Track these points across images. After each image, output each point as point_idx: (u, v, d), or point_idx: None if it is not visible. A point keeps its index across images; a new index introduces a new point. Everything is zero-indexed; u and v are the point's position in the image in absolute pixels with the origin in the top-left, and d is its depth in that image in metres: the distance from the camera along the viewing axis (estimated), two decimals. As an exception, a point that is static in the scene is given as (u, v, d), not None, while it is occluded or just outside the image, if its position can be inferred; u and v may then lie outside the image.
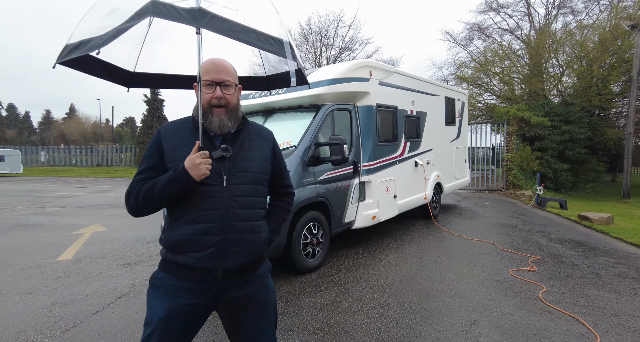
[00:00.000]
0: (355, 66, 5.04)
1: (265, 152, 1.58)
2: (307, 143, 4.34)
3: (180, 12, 1.36)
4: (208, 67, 1.46)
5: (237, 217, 1.45)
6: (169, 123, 1.55)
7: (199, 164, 1.35)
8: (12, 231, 6.91)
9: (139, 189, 1.43)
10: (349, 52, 24.17)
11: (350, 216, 5.00)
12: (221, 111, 1.45)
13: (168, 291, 1.44)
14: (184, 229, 1.42)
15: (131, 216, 1.50)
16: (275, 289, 3.64)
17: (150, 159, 1.47)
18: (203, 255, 1.41)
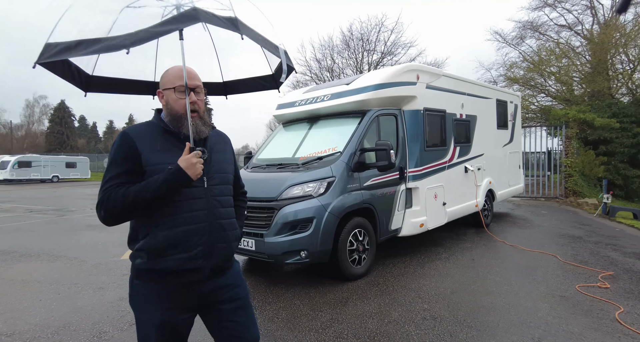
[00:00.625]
0: (401, 70, 4.97)
1: (230, 155, 1.68)
2: (352, 149, 4.33)
3: (223, 20, 1.43)
4: (179, 73, 1.48)
5: (220, 216, 1.52)
6: (135, 127, 1.52)
7: (195, 164, 1.38)
8: (83, 230, 7.63)
9: (124, 192, 1.36)
10: (391, 56, 23.86)
11: (396, 223, 4.89)
12: (195, 116, 1.49)
13: (155, 297, 1.45)
14: (170, 232, 1.42)
15: (105, 224, 1.43)
16: (321, 295, 3.67)
17: (124, 163, 1.42)
18: (191, 256, 1.43)
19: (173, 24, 1.37)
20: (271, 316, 3.30)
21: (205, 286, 1.50)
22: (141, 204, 1.37)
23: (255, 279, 4.33)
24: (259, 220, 4.02)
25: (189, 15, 1.37)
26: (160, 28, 1.37)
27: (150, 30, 1.37)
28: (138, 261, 1.46)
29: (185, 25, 1.39)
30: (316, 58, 25.09)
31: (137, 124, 1.56)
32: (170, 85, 1.49)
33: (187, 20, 1.37)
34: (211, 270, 1.50)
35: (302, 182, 4.02)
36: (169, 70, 1.53)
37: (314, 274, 4.48)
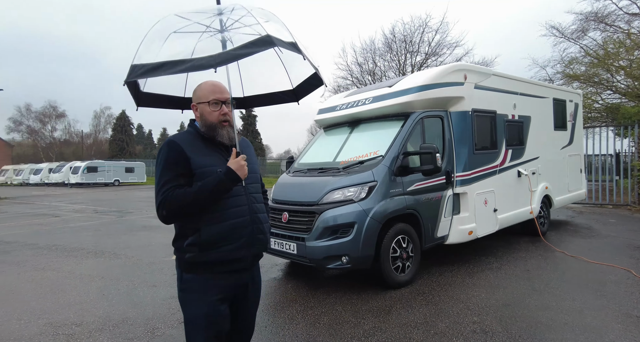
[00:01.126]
0: (447, 70, 4.78)
1: (255, 158, 1.90)
2: (395, 152, 4.22)
3: (288, 45, 1.63)
4: (212, 89, 1.69)
5: (257, 210, 1.76)
6: (178, 135, 1.71)
7: (243, 166, 1.63)
8: (140, 231, 8.21)
9: (184, 192, 1.56)
10: (435, 57, 23.11)
11: (443, 230, 4.68)
12: (226, 125, 1.70)
13: (205, 288, 1.64)
14: (218, 227, 1.62)
15: (165, 223, 1.63)
16: (364, 302, 3.59)
17: (176, 167, 1.61)
18: (237, 246, 1.65)
19: (251, 48, 1.55)
20: (313, 321, 3.29)
21: (247, 274, 1.76)
22: (200, 202, 1.57)
23: (297, 283, 4.36)
24: (300, 224, 4.05)
25: (265, 40, 1.55)
26: (240, 51, 1.56)
27: (232, 53, 1.57)
28: (188, 256, 1.63)
29: (263, 49, 1.57)
30: (357, 62, 25.03)
31: (178, 133, 1.75)
32: (204, 99, 1.69)
33: (263, 44, 1.55)
34: (254, 257, 1.76)
35: (342, 187, 3.99)
36: (202, 86, 1.72)
37: (356, 280, 4.41)
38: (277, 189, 4.69)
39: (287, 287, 4.22)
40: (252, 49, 1.55)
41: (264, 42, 1.54)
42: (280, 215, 4.29)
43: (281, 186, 4.69)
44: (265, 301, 3.83)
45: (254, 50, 1.55)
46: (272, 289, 4.22)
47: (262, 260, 5.12)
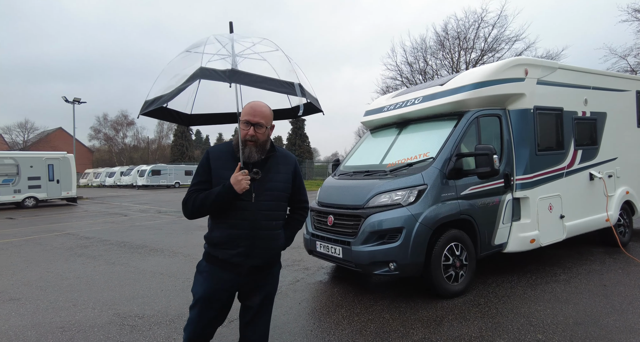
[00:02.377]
0: (506, 66, 4.42)
1: (287, 175, 2.00)
2: (447, 154, 4.00)
3: (219, 73, 1.76)
4: (248, 111, 1.88)
5: (261, 227, 1.88)
6: (216, 147, 1.98)
7: (240, 180, 1.77)
8: (196, 230, 8.72)
9: (195, 197, 1.86)
10: (492, 53, 21.74)
11: (501, 237, 4.33)
12: (252, 144, 1.87)
13: (209, 276, 1.91)
14: (221, 232, 1.88)
15: (187, 218, 1.92)
16: (413, 311, 3.43)
17: (202, 174, 1.91)
18: (234, 253, 1.86)
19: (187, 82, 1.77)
20: (359, 328, 3.21)
21: (244, 279, 1.92)
22: (204, 207, 1.84)
23: (343, 288, 4.30)
24: (345, 227, 3.99)
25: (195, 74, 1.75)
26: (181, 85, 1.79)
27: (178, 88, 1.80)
28: (205, 247, 1.97)
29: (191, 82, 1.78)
30: (407, 61, 24.42)
31: (221, 143, 2.03)
32: (242, 117, 1.89)
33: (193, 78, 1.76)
34: (250, 267, 1.90)
35: (389, 190, 3.86)
36: (246, 106, 1.92)
37: (404, 288, 4.24)
38: (323, 191, 4.68)
39: (333, 292, 4.18)
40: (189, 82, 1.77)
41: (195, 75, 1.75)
42: (325, 218, 4.28)
43: (327, 188, 4.68)
44: (311, 304, 3.83)
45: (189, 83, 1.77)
46: (318, 292, 4.20)
47: (308, 262, 5.07)
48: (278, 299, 3.93)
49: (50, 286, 4.65)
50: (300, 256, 5.83)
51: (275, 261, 2.04)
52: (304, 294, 4.11)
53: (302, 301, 3.89)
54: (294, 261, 5.60)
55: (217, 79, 1.76)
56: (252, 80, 1.83)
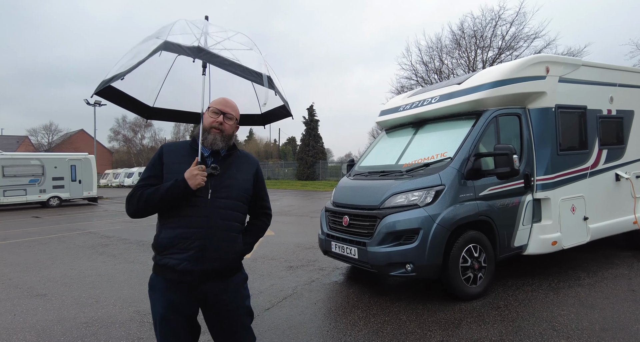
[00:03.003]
0: (525, 64, 4.32)
1: (248, 175, 1.87)
2: (465, 154, 3.93)
3: (184, 48, 1.64)
4: (220, 101, 1.81)
5: (217, 227, 1.69)
6: (172, 143, 1.86)
7: (196, 175, 1.62)
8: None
9: (141, 193, 1.67)
10: (510, 51, 21.25)
11: (521, 239, 4.22)
12: (217, 132, 1.75)
13: (161, 290, 1.69)
14: (169, 232, 1.67)
15: (130, 216, 1.73)
16: (430, 313, 3.38)
17: (152, 169, 1.75)
18: (182, 257, 1.64)
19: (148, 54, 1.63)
20: (376, 329, 3.18)
21: (198, 289, 1.69)
22: (151, 204, 1.66)
23: (359, 289, 4.28)
24: (361, 228, 3.97)
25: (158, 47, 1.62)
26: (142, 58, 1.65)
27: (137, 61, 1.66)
28: (153, 255, 1.75)
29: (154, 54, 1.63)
30: (422, 61, 24.15)
31: (178, 141, 1.91)
32: (212, 105, 1.81)
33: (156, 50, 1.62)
34: (203, 274, 1.67)
35: (406, 191, 3.82)
36: (218, 98, 1.84)
37: (421, 289, 4.18)
38: (338, 192, 4.67)
39: (348, 292, 4.16)
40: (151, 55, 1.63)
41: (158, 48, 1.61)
42: (340, 218, 4.26)
43: (342, 189, 4.66)
44: (327, 304, 3.82)
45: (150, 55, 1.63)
46: (333, 292, 4.20)
47: (323, 262, 5.07)
48: (294, 299, 3.95)
49: (73, 282, 4.80)
50: (315, 256, 5.83)
51: (234, 269, 1.80)
52: (320, 295, 4.10)
53: (318, 301, 3.89)
54: (309, 261, 5.61)
55: (181, 52, 1.64)
56: (218, 61, 1.69)
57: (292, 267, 5.29)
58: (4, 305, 4.02)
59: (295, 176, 38.51)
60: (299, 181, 36.21)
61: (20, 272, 5.41)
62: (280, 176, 41.82)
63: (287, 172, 41.78)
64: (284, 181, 38.02)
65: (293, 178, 38.92)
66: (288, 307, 3.74)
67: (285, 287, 4.39)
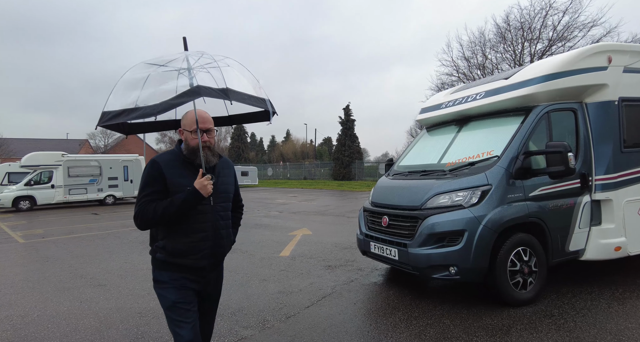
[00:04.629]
0: (583, 54, 3.99)
1: (231, 178, 2.14)
2: (513, 152, 3.72)
3: (217, 91, 1.87)
4: (194, 119, 1.89)
5: (221, 227, 1.98)
6: (162, 156, 1.94)
7: (206, 185, 1.83)
8: (253, 229, 9.10)
9: (155, 207, 1.82)
10: (562, 42, 19.75)
11: (577, 243, 3.92)
12: (207, 150, 1.94)
13: (176, 282, 1.90)
14: (185, 237, 1.88)
15: (140, 229, 1.89)
16: (476, 318, 3.24)
17: (154, 184, 1.87)
18: (198, 257, 1.91)
19: (183, 98, 1.80)
20: (418, 332, 3.10)
21: (206, 276, 2.00)
22: (167, 215, 1.82)
23: (399, 290, 4.19)
24: (401, 229, 3.89)
25: (193, 91, 1.79)
26: (174, 101, 1.80)
27: (169, 102, 1.81)
28: (159, 255, 1.92)
29: (192, 99, 1.81)
30: (464, 56, 23.18)
31: (164, 152, 2.02)
32: (188, 127, 1.92)
33: (192, 94, 1.79)
34: (212, 265, 2.00)
35: (449, 191, 3.69)
36: (187, 115, 1.95)
37: (465, 293, 4.02)
38: (377, 192, 4.61)
39: (388, 294, 4.10)
40: (184, 99, 1.78)
41: (193, 92, 1.78)
42: (379, 219, 4.21)
43: (381, 189, 4.60)
44: (367, 305, 3.79)
45: (185, 100, 1.79)
46: (373, 293, 4.15)
47: (361, 263, 5.05)
48: (333, 299, 3.96)
49: (128, 275, 5.16)
50: (353, 256, 5.81)
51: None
52: (359, 295, 4.08)
53: (357, 302, 3.87)
54: (347, 261, 5.59)
55: (217, 96, 1.87)
56: (241, 98, 1.97)
57: (330, 266, 5.30)
58: (72, 293, 4.42)
59: (331, 175, 38.59)
60: (335, 180, 36.24)
61: (84, 263, 5.92)
62: (316, 176, 42.09)
63: (323, 172, 41.96)
64: (319, 181, 38.24)
65: (329, 178, 39.02)
66: (328, 306, 3.76)
67: (324, 286, 4.41)
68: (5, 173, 18.64)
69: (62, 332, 3.31)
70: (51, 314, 3.75)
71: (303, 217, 11.26)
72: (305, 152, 59.35)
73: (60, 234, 9.02)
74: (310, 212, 12.56)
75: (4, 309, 3.94)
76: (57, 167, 16.67)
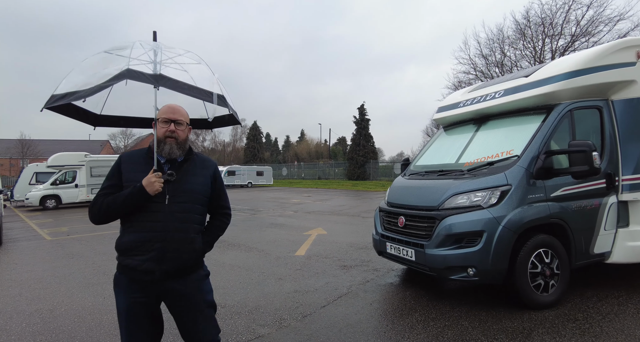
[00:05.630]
0: (610, 50, 3.86)
1: (206, 179, 1.96)
2: (534, 152, 3.63)
3: (146, 76, 1.79)
4: (166, 110, 1.90)
5: (175, 229, 1.80)
6: (129, 152, 1.95)
7: (153, 182, 1.75)
8: (268, 228, 9.18)
9: (102, 201, 1.80)
10: (586, 37, 19.10)
11: (603, 245, 3.79)
12: (172, 141, 1.86)
13: (125, 287, 1.82)
14: (130, 235, 1.79)
15: (93, 223, 1.86)
16: (495, 321, 3.17)
17: (111, 178, 1.86)
18: (144, 258, 1.76)
19: (112, 81, 1.74)
20: (436, 333, 3.07)
21: (159, 286, 1.81)
22: (111, 209, 1.79)
23: (416, 292, 4.16)
24: (418, 229, 3.85)
25: (122, 73, 1.73)
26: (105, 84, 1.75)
27: (100, 85, 1.74)
28: (116, 256, 1.86)
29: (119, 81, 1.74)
30: (482, 54, 22.73)
31: (136, 150, 1.98)
32: (160, 116, 1.89)
33: (120, 77, 1.73)
34: (164, 273, 1.79)
35: (467, 191, 3.63)
36: (164, 107, 1.93)
37: (484, 295, 3.95)
38: (393, 192, 4.58)
39: (405, 295, 4.07)
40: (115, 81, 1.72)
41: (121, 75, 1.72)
42: (396, 219, 4.18)
43: (397, 189, 4.56)
44: (383, 305, 3.77)
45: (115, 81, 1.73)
46: (389, 294, 4.13)
47: (377, 263, 5.03)
48: (349, 299, 3.96)
49: (148, 272, 5.29)
50: (368, 257, 5.78)
51: (195, 266, 1.92)
52: (375, 295, 4.06)
53: (374, 302, 3.85)
54: (363, 261, 5.58)
55: (144, 80, 1.79)
56: (176, 86, 1.87)
57: (345, 266, 5.30)
58: (96, 289, 4.57)
59: (346, 175, 38.50)
60: (350, 180, 36.15)
61: (106, 260, 6.11)
62: (331, 176, 42.06)
63: (337, 172, 41.91)
64: (334, 180, 38.20)
65: (343, 178, 38.95)
66: (344, 306, 3.76)
67: (340, 286, 4.41)
68: (33, 173, 19.45)
69: (87, 326, 3.43)
70: (77, 308, 3.89)
71: (318, 216, 11.29)
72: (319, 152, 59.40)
73: (83, 232, 9.33)
74: (325, 212, 12.58)
75: (34, 303, 4.11)
76: (80, 167, 17.26)
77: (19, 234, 9.37)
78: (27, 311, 3.85)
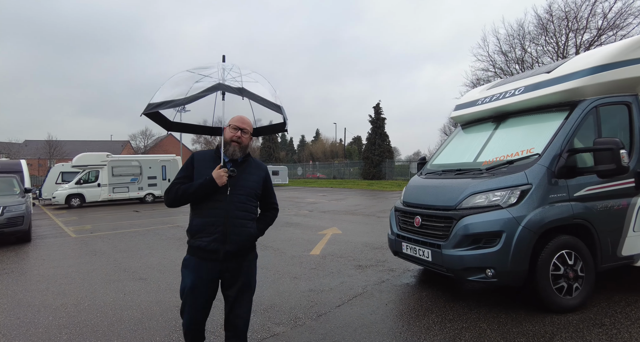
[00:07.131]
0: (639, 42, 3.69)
1: (259, 178, 2.38)
2: (556, 150, 3.50)
3: (233, 89, 2.27)
4: (238, 119, 2.34)
5: (234, 216, 2.19)
6: (200, 151, 2.39)
7: (222, 176, 2.15)
8: (283, 227, 9.23)
9: (177, 188, 2.20)
10: (614, 31, 18.35)
11: (631, 247, 3.63)
12: (236, 145, 2.28)
13: (193, 267, 2.19)
14: (198, 220, 2.20)
15: (167, 206, 2.27)
16: (515, 324, 3.10)
17: (186, 170, 2.29)
18: (210, 239, 2.15)
19: (206, 92, 2.27)
20: (453, 335, 3.01)
21: (222, 264, 2.19)
22: (186, 195, 2.19)
23: (433, 292, 4.09)
24: (435, 229, 3.78)
25: (215, 86, 2.26)
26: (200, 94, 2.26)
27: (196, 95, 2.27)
28: (187, 240, 2.25)
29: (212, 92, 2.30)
30: (502, 50, 22.20)
31: (206, 150, 2.43)
32: (231, 123, 2.32)
33: (213, 89, 2.27)
34: (226, 253, 2.17)
35: (486, 190, 3.54)
36: (235, 116, 2.36)
37: (503, 297, 3.85)
38: (409, 191, 4.51)
39: (421, 295, 4.01)
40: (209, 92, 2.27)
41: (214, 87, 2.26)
42: (412, 219, 4.12)
43: (413, 188, 4.50)
44: (399, 306, 3.73)
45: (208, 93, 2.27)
46: (405, 294, 4.08)
47: (392, 263, 4.99)
48: (364, 299, 3.93)
49: (167, 270, 5.42)
50: (384, 257, 5.73)
51: (249, 249, 2.32)
52: (390, 296, 4.02)
53: (389, 303, 3.82)
54: (378, 261, 5.53)
55: (232, 92, 2.25)
56: (254, 98, 2.35)
57: (361, 266, 5.27)
58: (117, 285, 4.71)
59: (361, 175, 38.29)
60: (365, 180, 35.93)
61: (127, 258, 6.28)
62: (346, 175, 41.93)
63: (352, 171, 41.74)
64: (349, 180, 38.06)
65: (358, 177, 38.75)
66: (359, 306, 3.74)
67: (355, 285, 4.39)
68: (59, 172, 20.23)
69: (109, 321, 3.54)
70: (99, 304, 4.01)
71: (333, 216, 11.27)
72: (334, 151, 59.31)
73: (106, 230, 9.63)
74: (340, 211, 12.55)
75: (60, 297, 4.27)
76: (102, 167, 17.82)
77: (47, 231, 9.76)
78: (54, 305, 4.00)
